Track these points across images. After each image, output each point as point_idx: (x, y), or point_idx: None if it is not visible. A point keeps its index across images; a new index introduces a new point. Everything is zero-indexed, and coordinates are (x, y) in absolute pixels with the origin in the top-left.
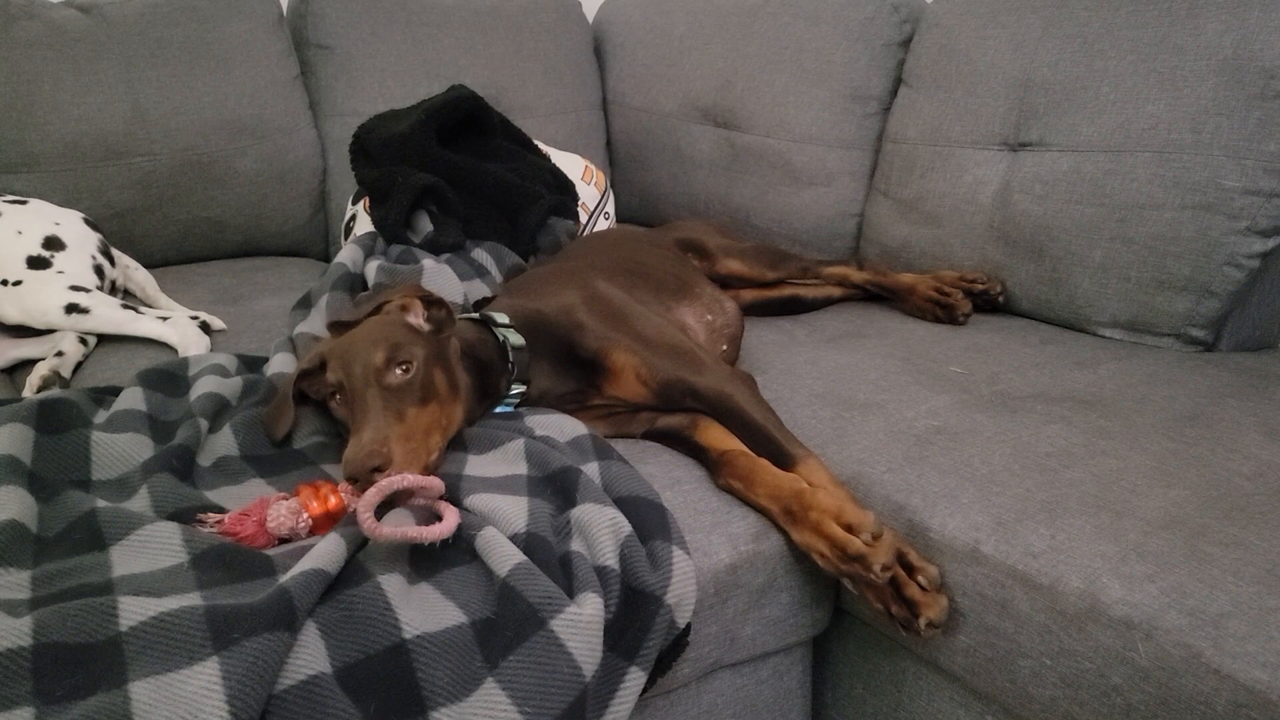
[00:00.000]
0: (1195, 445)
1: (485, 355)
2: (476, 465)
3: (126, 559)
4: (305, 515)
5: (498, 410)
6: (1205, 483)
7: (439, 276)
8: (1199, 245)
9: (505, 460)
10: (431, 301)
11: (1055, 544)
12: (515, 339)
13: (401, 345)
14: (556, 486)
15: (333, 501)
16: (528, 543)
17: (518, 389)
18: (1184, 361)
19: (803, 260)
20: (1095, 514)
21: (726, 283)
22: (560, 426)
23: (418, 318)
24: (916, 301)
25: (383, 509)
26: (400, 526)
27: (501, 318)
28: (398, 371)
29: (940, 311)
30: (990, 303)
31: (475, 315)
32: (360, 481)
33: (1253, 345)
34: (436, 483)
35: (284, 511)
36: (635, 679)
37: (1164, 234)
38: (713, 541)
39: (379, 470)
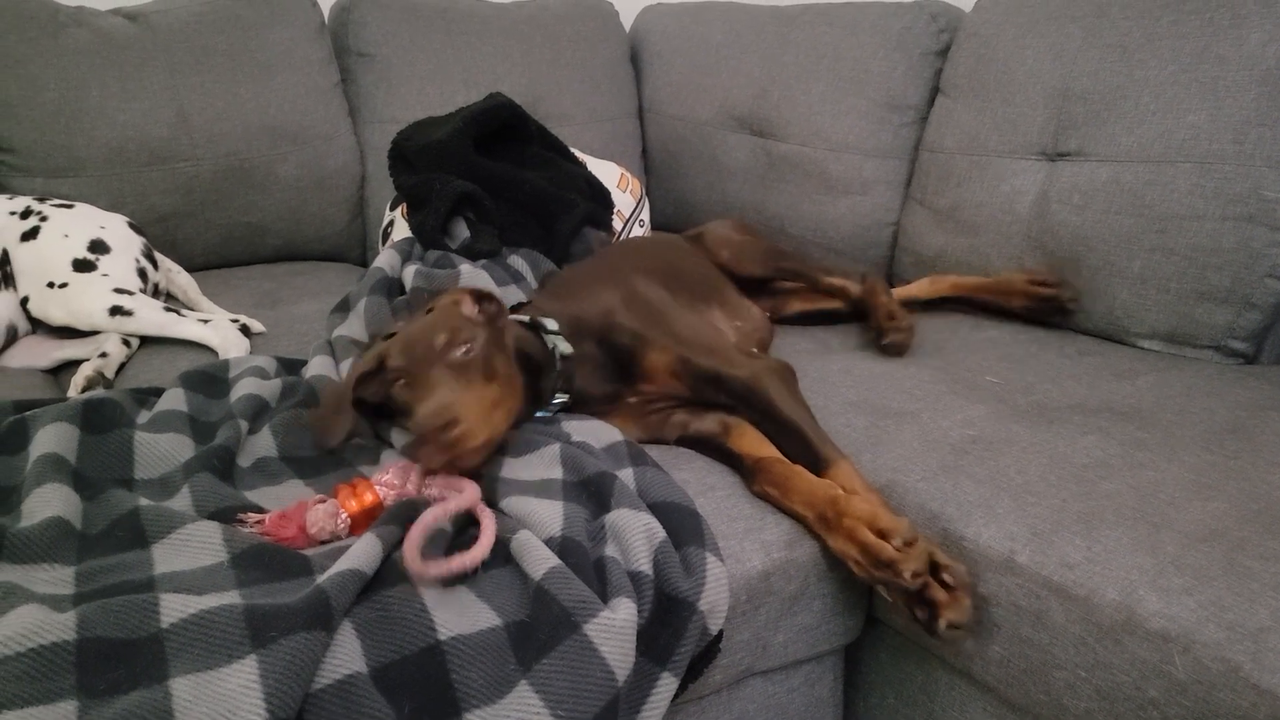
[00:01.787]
0: (1235, 458)
1: (535, 358)
2: (512, 469)
3: (168, 557)
4: (344, 515)
5: (538, 415)
6: (1245, 496)
7: (476, 280)
8: (1240, 257)
9: (541, 464)
10: (482, 296)
11: (1092, 555)
12: (564, 347)
13: (461, 328)
14: (591, 491)
15: (369, 498)
16: (562, 546)
17: (561, 398)
18: (1224, 374)
19: (806, 264)
20: (1133, 526)
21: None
22: (596, 433)
23: (471, 310)
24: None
25: (399, 518)
26: (445, 563)
27: (551, 324)
28: (460, 351)
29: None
30: (1060, 309)
31: (525, 319)
32: (428, 445)
33: None
34: (475, 500)
35: (322, 515)
36: (667, 684)
37: (1204, 245)
38: (745, 548)
39: (450, 426)
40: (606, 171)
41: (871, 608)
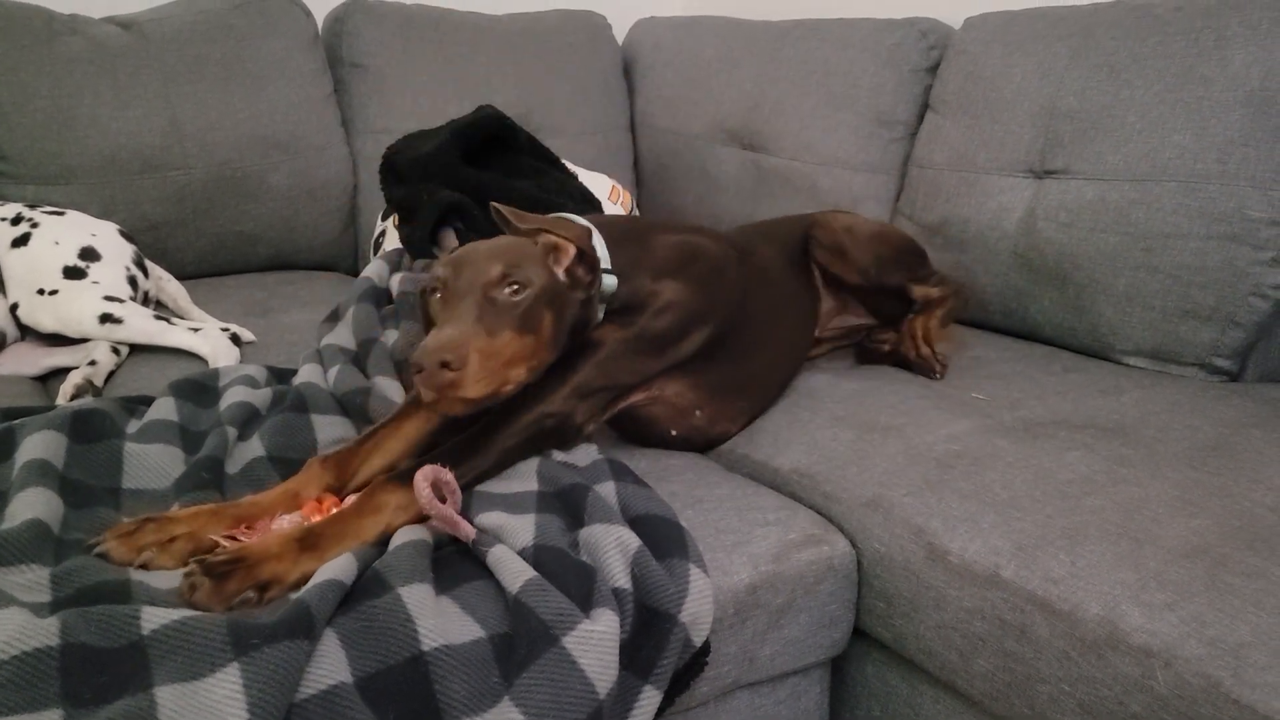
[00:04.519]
0: (1218, 475)
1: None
2: (488, 483)
3: (145, 576)
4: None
5: None
6: (1227, 513)
7: None
8: (1224, 275)
9: (518, 479)
10: (585, 256)
11: (1075, 570)
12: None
13: (522, 268)
14: (565, 503)
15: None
16: (537, 554)
17: None
18: (1208, 391)
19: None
20: (1116, 541)
21: None
22: (578, 451)
23: (559, 265)
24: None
25: None
26: (450, 512)
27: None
28: (507, 290)
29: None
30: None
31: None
32: (425, 372)
33: (1278, 376)
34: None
35: (287, 524)
36: (650, 698)
37: (1189, 263)
38: (733, 561)
39: (447, 367)
40: (598, 183)
41: (858, 621)
